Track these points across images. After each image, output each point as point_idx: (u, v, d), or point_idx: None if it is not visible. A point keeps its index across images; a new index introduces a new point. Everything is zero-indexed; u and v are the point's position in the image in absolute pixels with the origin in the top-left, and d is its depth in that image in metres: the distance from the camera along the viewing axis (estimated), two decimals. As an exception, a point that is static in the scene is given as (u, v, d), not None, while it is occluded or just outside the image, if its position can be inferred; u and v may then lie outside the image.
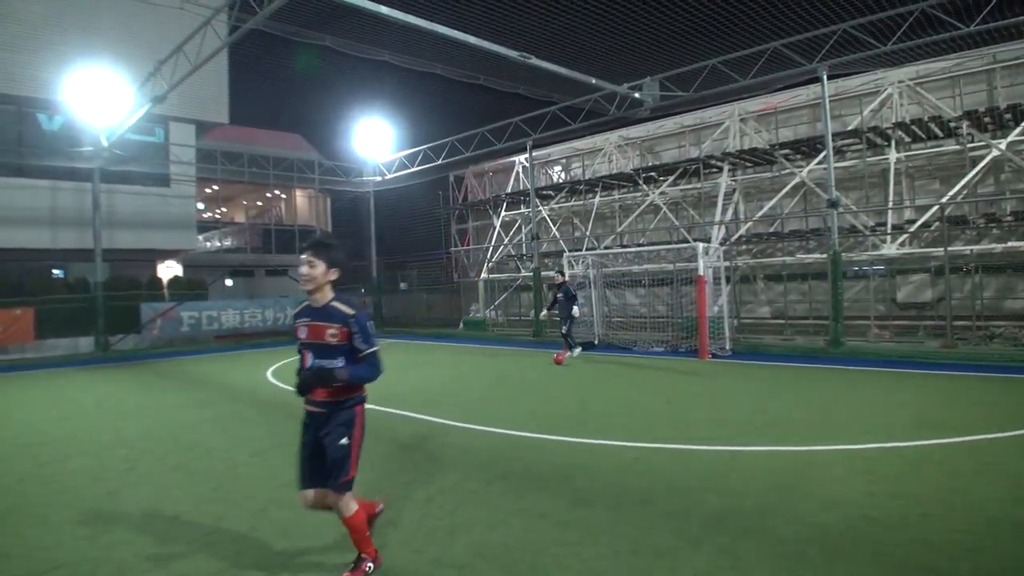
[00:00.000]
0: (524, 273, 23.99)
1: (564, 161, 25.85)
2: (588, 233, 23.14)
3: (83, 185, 18.82)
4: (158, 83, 15.16)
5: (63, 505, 5.23)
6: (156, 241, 21.21)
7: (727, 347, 14.28)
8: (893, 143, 16.55)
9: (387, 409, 8.90)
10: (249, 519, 4.79)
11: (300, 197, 33.16)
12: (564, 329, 13.89)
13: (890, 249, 15.81)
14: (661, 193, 21.16)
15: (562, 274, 14.68)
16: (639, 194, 22.08)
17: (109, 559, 4.16)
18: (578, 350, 14.11)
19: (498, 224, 26.56)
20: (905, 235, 15.79)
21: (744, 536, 4.17)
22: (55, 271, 21.84)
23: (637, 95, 16.29)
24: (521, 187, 25.59)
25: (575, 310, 14.00)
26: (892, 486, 5.01)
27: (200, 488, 5.60)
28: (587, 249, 21.00)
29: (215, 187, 30.64)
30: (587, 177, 23.30)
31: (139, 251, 21.14)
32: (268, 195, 33.76)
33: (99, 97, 17.01)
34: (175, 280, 22.20)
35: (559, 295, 13.96)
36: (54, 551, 4.30)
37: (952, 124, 15.57)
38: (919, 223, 15.55)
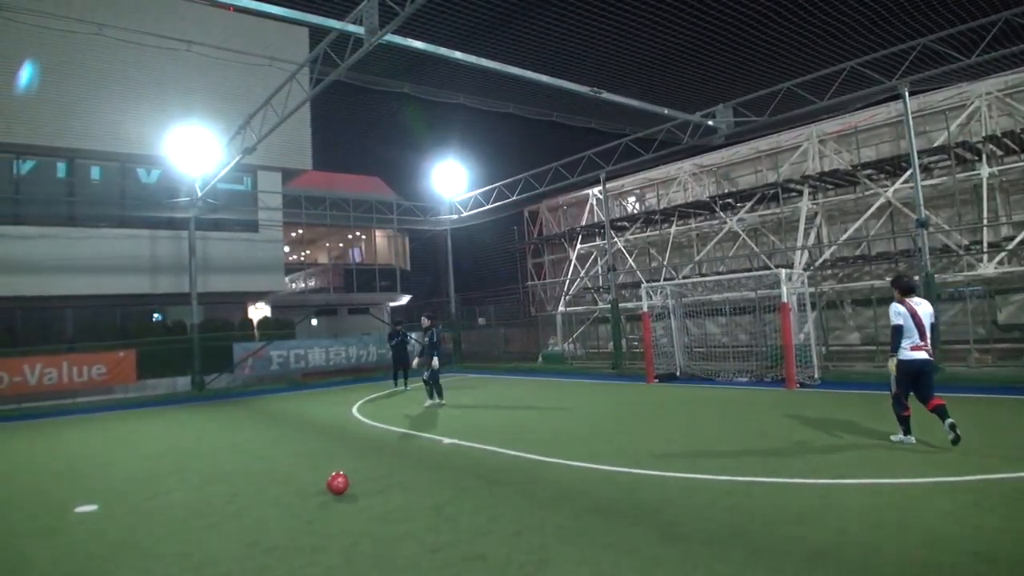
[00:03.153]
0: (602, 305, 23.90)
1: (638, 191, 25.78)
2: (665, 263, 22.92)
3: (179, 233, 20.00)
4: (247, 135, 16.04)
5: (169, 537, 5.50)
6: (247, 284, 22.20)
7: (815, 376, 13.79)
8: (984, 157, 15.82)
9: (472, 444, 9.01)
10: (343, 552, 4.92)
11: (380, 237, 34.08)
12: (426, 375, 13.42)
13: (987, 268, 15.03)
14: (739, 220, 20.81)
15: (429, 318, 13.98)
16: (716, 222, 21.77)
17: (216, 590, 4.35)
18: (429, 402, 13.45)
19: (574, 257, 26.62)
20: (1003, 253, 14.99)
21: (845, 574, 4.01)
22: (155, 315, 23.10)
23: (710, 123, 16.18)
24: (596, 219, 25.63)
25: (435, 361, 13.34)
26: (1002, 520, 4.74)
27: (295, 522, 5.79)
28: (665, 279, 20.78)
29: (300, 231, 31.88)
30: (662, 207, 23.16)
31: (231, 294, 22.16)
32: (349, 236, 34.86)
33: (194, 151, 18.13)
34: (264, 320, 23.11)
35: (425, 339, 13.52)
36: (165, 582, 4.53)
37: (1048, 135, 14.82)
38: (1018, 240, 14.75)
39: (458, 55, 12.24)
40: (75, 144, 18.42)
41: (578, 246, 26.59)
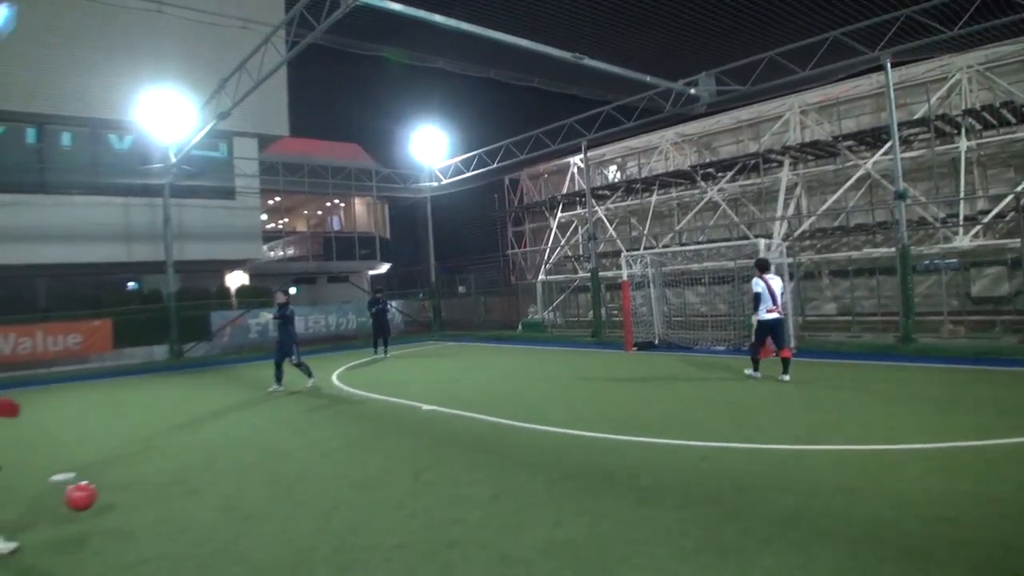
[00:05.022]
0: (582, 274, 23.95)
1: (619, 160, 25.72)
2: (646, 232, 22.97)
3: (154, 200, 19.63)
4: (222, 100, 15.70)
5: (145, 505, 5.49)
6: (224, 252, 21.92)
7: (791, 345, 13.95)
8: (963, 131, 15.93)
9: (451, 411, 9.04)
10: (320, 517, 4.93)
11: (359, 205, 33.80)
12: (295, 359, 11.82)
13: (963, 241, 15.22)
14: (720, 190, 20.85)
15: (285, 293, 12.37)
16: (697, 191, 21.80)
17: (191, 555, 4.35)
18: (273, 387, 11.85)
19: (554, 226, 26.59)
20: (978, 226, 15.18)
21: (815, 537, 4.09)
22: (130, 283, 22.79)
23: (692, 91, 16.07)
24: (576, 188, 25.57)
25: (294, 351, 11.82)
26: (969, 486, 4.84)
27: (274, 488, 5.79)
28: (645, 248, 20.83)
29: (277, 198, 31.51)
30: (643, 176, 23.12)
31: (208, 262, 21.88)
32: (328, 204, 34.53)
33: (167, 116, 17.71)
34: (242, 289, 22.92)
35: (275, 317, 12.06)
36: (142, 548, 4.52)
37: (1026, 109, 14.92)
38: (993, 213, 14.93)
39: (437, 18, 12.01)
40: (44, 109, 17.95)
41: (559, 214, 26.55)
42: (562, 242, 26.30)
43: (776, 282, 10.35)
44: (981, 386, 9.07)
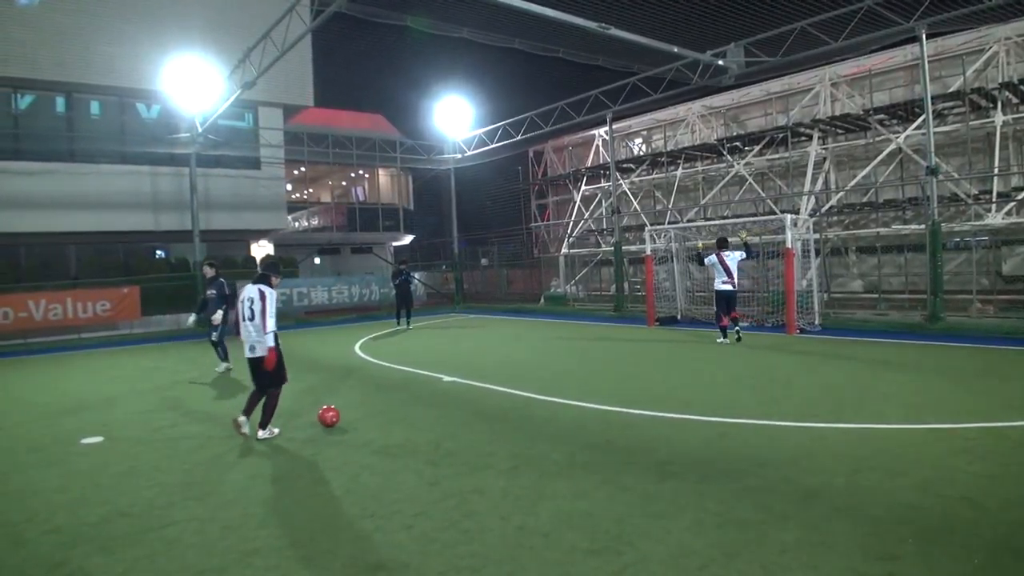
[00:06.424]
0: (605, 248, 23.83)
1: (645, 133, 25.40)
2: (670, 206, 22.74)
3: (181, 170, 19.80)
4: (247, 70, 15.71)
5: (175, 469, 5.62)
6: (249, 222, 22.13)
7: (816, 322, 13.83)
8: (999, 105, 15.49)
9: (472, 382, 9.11)
10: (344, 483, 5.03)
11: (383, 176, 33.80)
12: (215, 336, 10.93)
13: (995, 219, 14.88)
14: (746, 164, 20.54)
15: (212, 266, 11.45)
16: (723, 165, 21.49)
17: (216, 519, 4.45)
18: (223, 366, 11.05)
19: (578, 199, 26.42)
20: (1012, 203, 14.82)
21: (834, 514, 4.08)
22: (158, 252, 23.10)
23: (721, 62, 15.77)
24: (601, 161, 25.33)
25: (217, 315, 10.69)
26: (993, 467, 4.79)
27: (298, 455, 5.90)
28: (669, 222, 20.65)
29: (302, 169, 31.60)
30: (669, 149, 22.83)
31: (233, 231, 22.10)
32: (352, 175, 34.58)
33: (193, 85, 17.76)
34: (267, 258, 23.13)
35: (209, 292, 11.10)
36: (167, 511, 4.63)
37: (1067, 82, 14.45)
38: (1028, 190, 14.57)
39: (462, -13, 11.88)
40: (73, 78, 18.13)
41: (583, 187, 26.36)
42: (586, 215, 26.15)
43: (732, 257, 12.19)
44: (1009, 367, 8.93)
